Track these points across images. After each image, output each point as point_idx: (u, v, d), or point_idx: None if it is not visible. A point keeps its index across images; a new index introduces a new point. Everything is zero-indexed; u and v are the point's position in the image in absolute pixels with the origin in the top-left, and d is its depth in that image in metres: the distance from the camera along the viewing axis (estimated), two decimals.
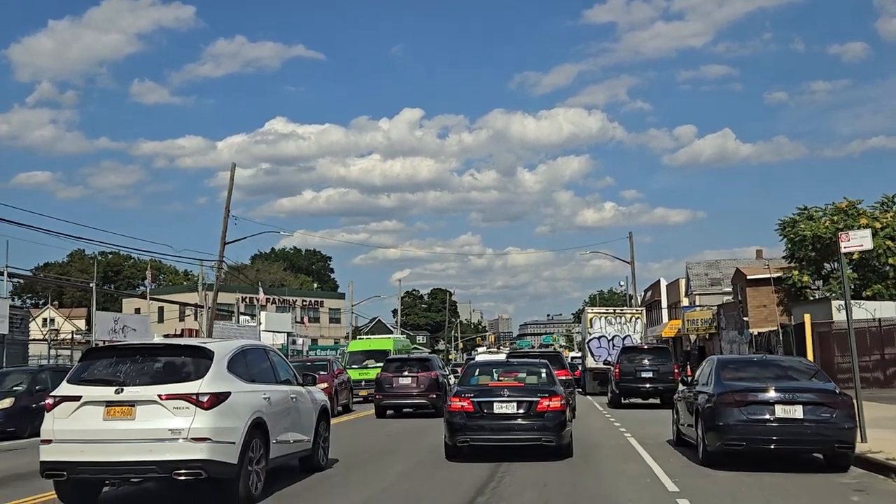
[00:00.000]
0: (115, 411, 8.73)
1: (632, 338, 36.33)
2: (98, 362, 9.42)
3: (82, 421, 8.75)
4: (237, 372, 9.66)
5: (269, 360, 11.07)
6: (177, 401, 8.74)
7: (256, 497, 9.49)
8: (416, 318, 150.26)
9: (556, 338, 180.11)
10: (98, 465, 8.70)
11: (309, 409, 11.75)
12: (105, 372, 9.18)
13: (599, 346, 36.45)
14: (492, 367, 15.08)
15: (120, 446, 8.63)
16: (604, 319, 36.64)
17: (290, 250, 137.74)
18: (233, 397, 9.16)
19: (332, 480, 11.31)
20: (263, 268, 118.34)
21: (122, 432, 8.64)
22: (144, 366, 9.28)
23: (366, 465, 12.95)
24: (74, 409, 8.81)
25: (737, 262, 61.99)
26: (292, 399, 11.12)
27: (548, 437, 12.55)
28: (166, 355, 9.55)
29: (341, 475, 11.76)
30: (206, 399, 8.82)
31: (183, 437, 8.64)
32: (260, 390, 10.04)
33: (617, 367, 26.02)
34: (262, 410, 9.76)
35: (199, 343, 9.80)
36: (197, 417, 8.72)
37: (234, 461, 8.98)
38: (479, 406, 12.68)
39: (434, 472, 11.90)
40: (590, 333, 36.53)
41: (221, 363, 9.41)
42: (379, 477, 11.58)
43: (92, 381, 9.07)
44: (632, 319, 36.54)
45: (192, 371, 9.13)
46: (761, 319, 43.31)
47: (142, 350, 9.72)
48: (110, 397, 8.77)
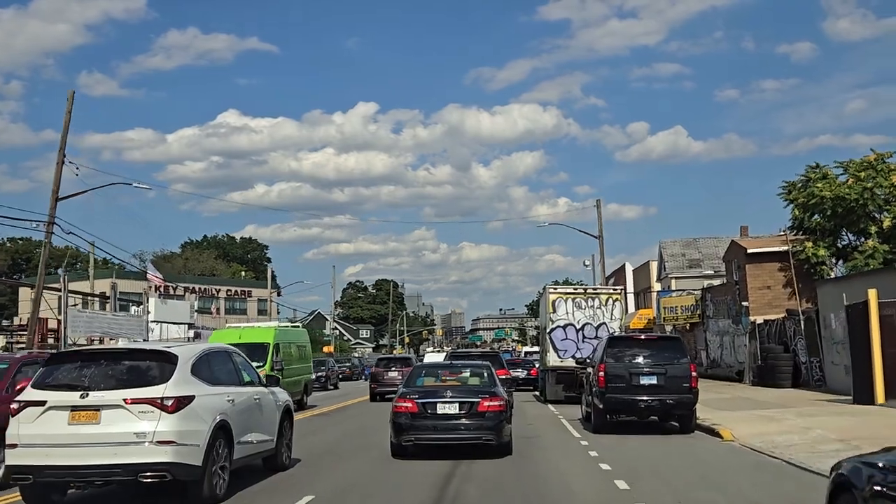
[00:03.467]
0: (81, 416, 8.97)
1: (608, 326, 27.10)
2: (62, 367, 9.68)
3: (47, 425, 8.96)
4: (201, 375, 9.90)
5: (233, 362, 11.29)
6: (142, 405, 8.98)
7: (220, 497, 9.74)
8: (359, 310, 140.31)
9: (508, 332, 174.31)
10: (64, 469, 8.95)
11: (272, 410, 11.93)
12: (70, 376, 9.42)
13: (565, 338, 27.14)
14: (437, 369, 15.59)
15: (85, 450, 8.83)
16: (571, 302, 27.34)
17: (223, 238, 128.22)
18: (197, 400, 9.40)
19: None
20: (192, 256, 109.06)
21: (88, 436, 8.86)
22: (109, 370, 9.49)
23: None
24: (39, 413, 9.02)
25: (718, 241, 53.39)
26: (255, 400, 11.30)
27: (488, 437, 13.03)
28: (131, 359, 9.77)
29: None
30: (171, 403, 9.06)
31: (148, 440, 8.89)
32: (223, 393, 10.27)
33: (602, 368, 16.54)
34: (225, 413, 10.01)
35: (163, 348, 10.17)
36: (162, 421, 8.96)
37: (198, 463, 9.24)
38: (423, 406, 13.11)
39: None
40: (552, 321, 27.20)
41: (185, 367, 9.67)
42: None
43: (56, 385, 9.30)
44: (608, 302, 27.31)
45: (156, 375, 9.37)
46: (764, 304, 34.44)
47: (106, 354, 10.19)
48: (75, 402, 9.00)
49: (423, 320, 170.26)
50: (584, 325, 27.16)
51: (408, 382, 14.55)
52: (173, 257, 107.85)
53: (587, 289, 28.46)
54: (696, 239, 54.34)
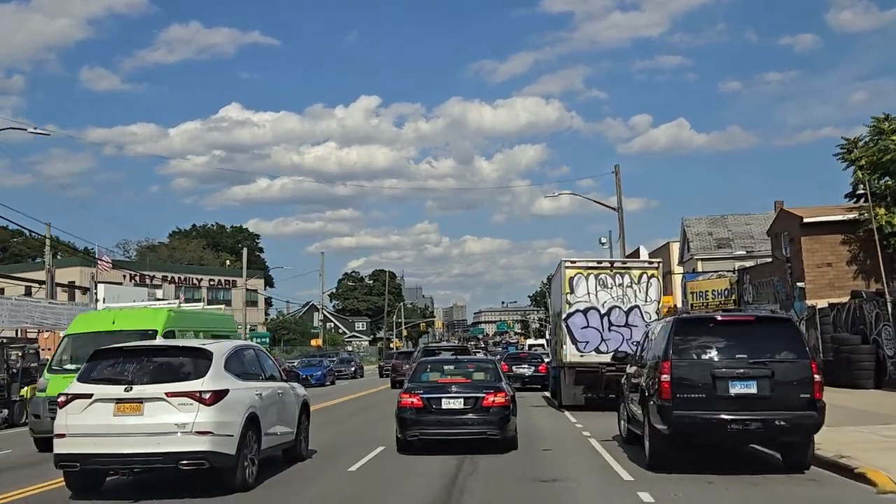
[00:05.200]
0: (125, 408, 9.55)
1: (641, 311, 20.92)
2: (105, 362, 10.23)
3: (94, 417, 9.53)
4: (232, 370, 10.50)
5: (258, 359, 11.91)
6: (182, 398, 9.54)
7: (251, 485, 10.24)
8: (355, 302, 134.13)
9: (511, 324, 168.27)
10: (109, 457, 9.48)
11: (293, 404, 12.46)
12: (113, 371, 10.01)
13: (586, 326, 20.95)
14: (441, 365, 15.49)
15: (130, 439, 9.40)
16: (594, 280, 21.14)
17: (212, 227, 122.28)
18: (230, 394, 9.96)
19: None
20: (180, 245, 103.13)
21: (132, 427, 9.43)
22: (150, 365, 10.02)
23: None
24: (86, 405, 9.59)
25: (751, 218, 47.17)
26: (279, 394, 11.87)
27: (493, 431, 12.94)
28: (169, 356, 10.35)
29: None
30: (208, 396, 9.64)
31: (187, 430, 9.44)
32: (253, 387, 10.85)
33: (666, 368, 10.18)
34: (255, 406, 10.56)
35: (199, 344, 11.02)
36: (200, 413, 9.52)
37: (232, 452, 9.78)
38: (428, 402, 13.09)
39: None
40: (569, 304, 21.02)
41: (219, 363, 10.24)
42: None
43: (101, 379, 9.88)
44: (641, 279, 21.12)
45: (193, 370, 9.93)
46: (824, 285, 28.28)
47: (146, 351, 10.51)
48: (120, 395, 9.58)
49: (423, 312, 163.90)
50: (611, 310, 20.97)
51: (413, 378, 14.59)
52: (159, 247, 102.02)
53: (615, 263, 22.16)
54: (723, 216, 48.08)
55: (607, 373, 20.50)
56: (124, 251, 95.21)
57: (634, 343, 21.07)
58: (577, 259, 21.77)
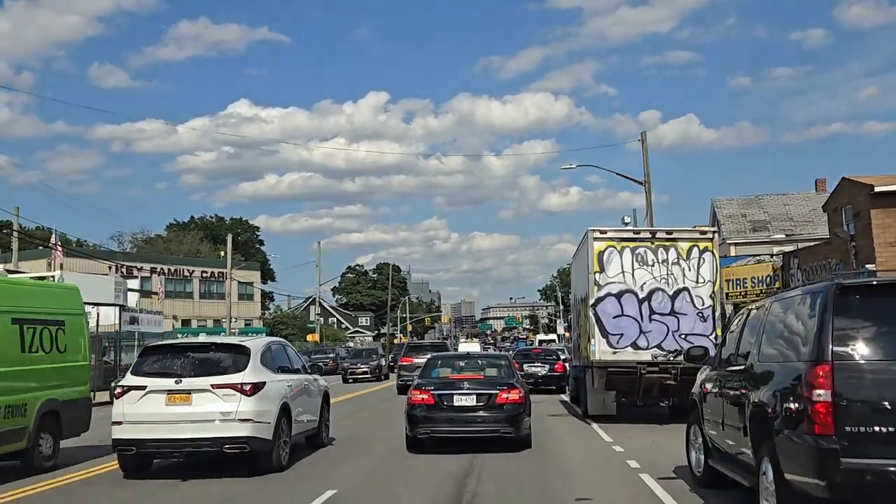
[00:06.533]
0: (176, 398, 10.58)
1: (692, 294, 16.23)
2: (154, 357, 11.38)
3: (148, 406, 10.57)
4: (267, 364, 11.50)
5: (287, 353, 12.94)
6: (225, 389, 10.59)
7: (284, 466, 11.23)
8: (358, 296, 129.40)
9: (520, 319, 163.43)
10: (162, 442, 10.60)
11: (316, 394, 13.47)
12: (163, 366, 11.08)
13: (620, 315, 16.25)
14: (452, 360, 15.11)
15: (180, 426, 10.47)
16: (630, 255, 16.43)
17: (210, 218, 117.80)
18: (267, 386, 10.99)
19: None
20: (176, 237, 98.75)
21: (182, 415, 10.48)
22: (196, 360, 11.13)
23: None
24: (140, 396, 10.66)
25: (789, 198, 42.31)
26: (305, 386, 12.85)
27: (506, 429, 12.51)
28: (212, 351, 11.45)
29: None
30: (249, 387, 10.68)
31: (231, 418, 10.48)
32: (283, 379, 11.87)
33: (822, 375, 5.44)
34: (286, 396, 11.60)
35: (238, 342, 11.71)
36: (241, 402, 10.57)
37: (269, 437, 10.82)
38: (439, 398, 12.68)
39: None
40: (598, 286, 16.32)
41: (256, 357, 11.19)
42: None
43: (153, 373, 10.94)
44: (692, 253, 16.42)
45: (235, 364, 10.96)
46: None
47: (192, 347, 11.71)
48: (171, 387, 10.62)
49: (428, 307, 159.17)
50: (652, 293, 16.26)
51: (423, 374, 14.13)
52: (155, 239, 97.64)
53: (656, 232, 17.29)
54: (759, 196, 43.20)
55: (647, 374, 15.86)
56: (119, 243, 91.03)
57: (682, 336, 16.46)
58: (609, 228, 17.01)
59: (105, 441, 11.81)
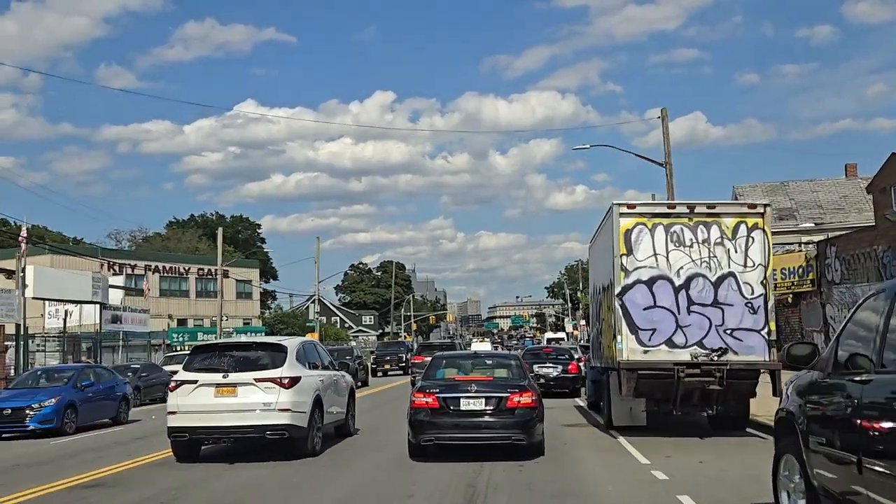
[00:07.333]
0: (223, 391, 12.08)
1: (739, 280, 13.43)
2: (203, 355, 12.97)
3: (199, 398, 12.10)
4: (301, 361, 12.94)
5: (318, 351, 14.50)
6: (267, 383, 12.04)
7: (318, 452, 12.55)
8: (361, 294, 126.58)
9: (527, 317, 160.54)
10: (212, 429, 12.12)
11: (343, 389, 14.90)
12: (211, 362, 12.61)
13: (652, 306, 13.48)
14: (459, 360, 14.12)
15: (227, 415, 11.94)
16: (664, 233, 13.65)
17: (211, 216, 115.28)
18: (302, 380, 12.42)
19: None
20: (175, 236, 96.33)
21: (229, 405, 11.99)
22: (240, 357, 12.68)
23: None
24: (192, 389, 12.21)
25: (817, 184, 39.44)
26: (334, 380, 14.22)
27: (518, 436, 11.52)
28: (254, 350, 13.07)
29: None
30: (287, 381, 12.11)
31: (272, 408, 11.92)
32: (316, 374, 13.27)
33: None
34: (319, 389, 12.97)
35: (276, 341, 13.29)
36: (281, 394, 11.99)
37: (305, 425, 12.22)
38: (444, 402, 11.75)
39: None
40: (625, 272, 13.54)
41: (293, 355, 12.66)
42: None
43: (203, 369, 12.51)
44: (738, 230, 13.62)
45: (274, 361, 12.41)
46: None
47: (236, 346, 13.60)
48: (219, 381, 12.13)
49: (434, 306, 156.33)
50: (692, 279, 13.47)
51: (427, 375, 13.13)
52: (153, 237, 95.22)
53: (695, 206, 14.34)
54: (784, 183, 40.34)
55: (686, 378, 13.07)
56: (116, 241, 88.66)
57: (727, 331, 13.64)
58: (638, 202, 14.15)
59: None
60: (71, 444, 15.95)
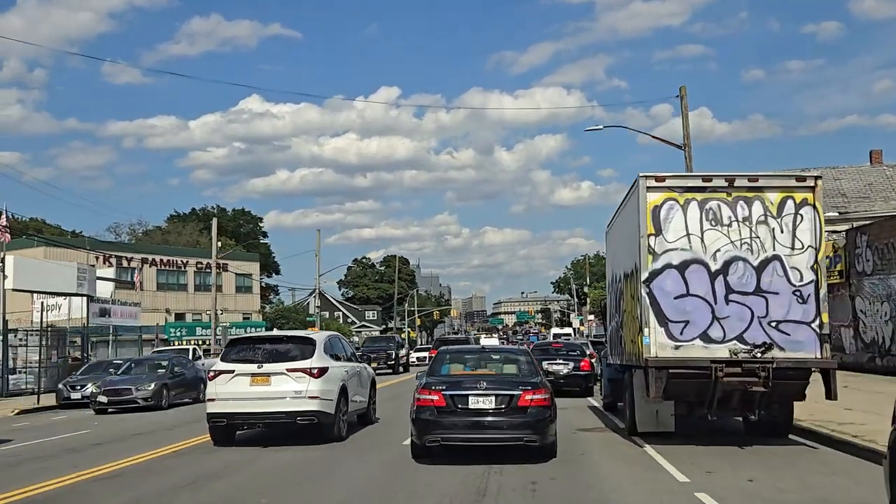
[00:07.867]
0: (258, 380, 13.16)
1: (786, 264, 11.58)
2: (238, 347, 14.09)
3: (235, 386, 13.16)
4: (328, 353, 13.99)
5: (342, 344, 15.60)
6: (298, 372, 13.13)
7: (344, 437, 13.60)
8: (364, 289, 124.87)
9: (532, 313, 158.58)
10: (247, 415, 13.23)
11: (366, 379, 15.99)
12: (246, 354, 13.71)
13: (684, 295, 11.68)
14: (465, 355, 13.52)
15: (262, 402, 13.05)
16: (697, 210, 11.86)
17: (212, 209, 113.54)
18: (329, 370, 13.52)
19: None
20: (175, 229, 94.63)
21: (263, 393, 13.08)
22: (273, 349, 13.76)
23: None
24: (229, 378, 13.26)
25: (840, 171, 37.56)
26: (357, 372, 15.30)
27: (530, 437, 10.76)
28: (285, 342, 14.09)
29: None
30: (316, 371, 13.21)
31: (302, 396, 13.02)
32: (341, 366, 14.36)
33: None
34: (344, 379, 14.04)
35: (306, 334, 15.06)
36: (311, 383, 13.10)
37: (332, 412, 13.33)
38: (451, 400, 11.00)
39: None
40: (653, 254, 11.75)
41: (321, 347, 13.77)
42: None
43: (239, 360, 13.54)
44: (785, 206, 11.81)
45: (303, 353, 13.51)
46: None
47: (269, 339, 14.57)
48: (254, 371, 13.21)
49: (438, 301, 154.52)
50: (730, 264, 11.65)
51: (432, 370, 12.31)
52: (154, 231, 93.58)
53: (734, 178, 12.08)
54: (805, 170, 38.35)
55: (726, 378, 11.22)
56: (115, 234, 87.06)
57: (772, 324, 11.76)
58: (667, 175, 12.28)
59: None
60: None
